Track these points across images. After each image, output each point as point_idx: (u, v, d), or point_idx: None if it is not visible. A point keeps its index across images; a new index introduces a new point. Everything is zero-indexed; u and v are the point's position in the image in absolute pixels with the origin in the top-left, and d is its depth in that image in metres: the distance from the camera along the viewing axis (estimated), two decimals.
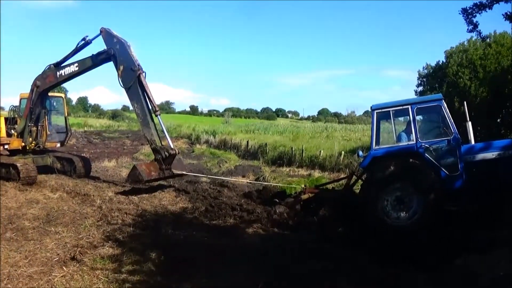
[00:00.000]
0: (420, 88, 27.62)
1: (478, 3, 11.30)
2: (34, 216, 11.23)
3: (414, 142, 11.08)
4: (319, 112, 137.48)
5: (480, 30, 12.06)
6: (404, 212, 10.84)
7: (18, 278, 7.16)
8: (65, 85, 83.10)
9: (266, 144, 31.75)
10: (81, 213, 11.79)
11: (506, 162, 10.59)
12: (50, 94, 19.34)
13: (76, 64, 16.26)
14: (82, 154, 22.86)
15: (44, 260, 8.05)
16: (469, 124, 11.32)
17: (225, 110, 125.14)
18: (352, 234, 10.67)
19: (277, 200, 13.34)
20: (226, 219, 11.76)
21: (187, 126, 56.23)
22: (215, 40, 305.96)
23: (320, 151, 26.04)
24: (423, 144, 11.01)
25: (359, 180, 12.97)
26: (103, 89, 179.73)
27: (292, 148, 28.31)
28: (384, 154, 11.33)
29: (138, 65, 14.48)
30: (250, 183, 19.48)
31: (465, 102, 12.07)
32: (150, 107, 14.69)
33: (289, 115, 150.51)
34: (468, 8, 11.49)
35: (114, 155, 28.95)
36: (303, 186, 14.64)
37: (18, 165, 15.64)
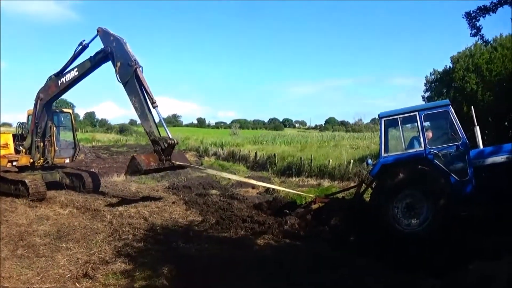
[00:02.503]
0: (428, 94, 27.53)
1: (482, 7, 11.28)
2: (45, 233, 11.24)
3: (423, 148, 11.04)
4: (326, 121, 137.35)
5: (483, 34, 12.06)
6: (415, 219, 10.78)
7: None
8: (72, 100, 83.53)
9: (274, 154, 31.71)
10: (92, 228, 11.78)
11: None
12: (58, 110, 19.43)
13: (76, 69, 16.31)
14: (91, 169, 22.82)
15: (56, 277, 8.05)
16: (477, 128, 11.29)
17: (232, 122, 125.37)
18: (365, 242, 10.57)
19: (288, 211, 13.26)
20: (237, 231, 11.68)
21: (195, 138, 56.30)
22: (221, 52, 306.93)
23: (329, 160, 25.97)
24: (431, 150, 10.97)
25: (369, 189, 12.90)
26: (110, 104, 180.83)
27: (300, 158, 28.25)
28: (393, 162, 11.29)
29: (135, 60, 14.53)
30: (260, 194, 19.40)
31: (472, 107, 12.05)
32: (148, 100, 14.71)
33: (297, 125, 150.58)
34: (472, 12, 11.49)
35: (123, 170, 28.82)
36: (312, 196, 14.54)
37: (27, 181, 15.66)
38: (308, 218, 12.62)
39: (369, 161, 13.12)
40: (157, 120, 14.83)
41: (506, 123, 21.41)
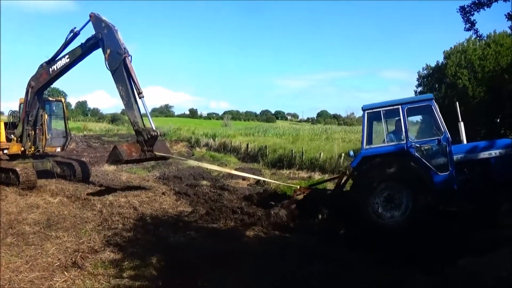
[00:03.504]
0: (420, 89, 27.62)
1: (477, 1, 11.32)
2: (35, 221, 11.25)
3: (405, 141, 11.14)
4: (319, 114, 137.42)
5: (477, 29, 12.10)
6: (396, 210, 10.90)
7: (19, 284, 7.17)
8: (64, 89, 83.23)
9: (266, 146, 31.69)
10: (82, 217, 11.81)
11: (496, 161, 10.69)
12: (50, 98, 19.37)
13: (67, 56, 16.27)
14: (82, 159, 22.80)
15: (45, 265, 8.06)
16: (461, 124, 11.52)
17: (224, 113, 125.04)
18: (353, 236, 10.63)
19: (273, 203, 13.36)
20: (227, 222, 11.71)
21: (187, 129, 56.11)
22: (214, 42, 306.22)
23: (320, 153, 25.99)
24: (413, 143, 11.08)
25: (350, 180, 12.99)
26: (103, 93, 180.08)
27: (292, 150, 28.25)
28: (374, 154, 11.39)
29: (125, 48, 14.51)
30: (250, 185, 19.44)
31: (457, 103, 12.20)
32: (135, 90, 14.67)
33: (289, 118, 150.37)
34: (466, 7, 11.52)
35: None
36: (297, 186, 14.63)
37: (18, 169, 15.65)
38: (292, 208, 12.69)
39: (351, 152, 13.28)
40: (142, 111, 14.82)
41: (497, 119, 21.54)
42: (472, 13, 11.63)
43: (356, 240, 10.20)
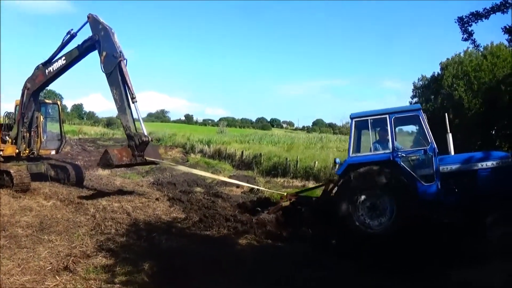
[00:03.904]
0: (415, 100, 27.71)
1: (475, 12, 11.40)
2: (28, 224, 11.23)
3: (391, 151, 11.23)
4: (314, 123, 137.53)
5: (475, 39, 12.15)
6: (383, 217, 11.01)
7: (10, 286, 7.15)
8: (60, 92, 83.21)
9: (261, 154, 31.66)
10: (75, 221, 11.79)
11: (482, 173, 10.73)
12: (46, 101, 19.38)
13: (64, 58, 16.35)
14: (76, 162, 22.76)
15: (37, 269, 8.05)
16: (450, 135, 11.56)
17: (220, 120, 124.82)
18: (344, 245, 10.64)
19: (259, 209, 13.44)
20: (220, 229, 11.68)
21: (182, 135, 55.91)
22: (211, 48, 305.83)
23: (315, 162, 25.99)
24: (399, 153, 11.17)
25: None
26: (99, 97, 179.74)
27: (286, 158, 28.25)
28: (359, 162, 11.47)
29: (120, 52, 14.57)
30: (244, 193, 19.44)
31: (445, 114, 12.25)
32: (128, 94, 14.70)
33: (284, 125, 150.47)
34: (464, 17, 11.59)
35: None
36: (284, 193, 14.69)
37: (12, 171, 15.64)
38: (278, 214, 12.79)
39: (337, 160, 13.26)
40: (135, 116, 14.89)
41: (492, 131, 21.63)
42: (470, 24, 11.69)
43: (347, 248, 10.23)
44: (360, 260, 9.22)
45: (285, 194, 14.22)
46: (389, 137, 11.34)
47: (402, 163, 11.11)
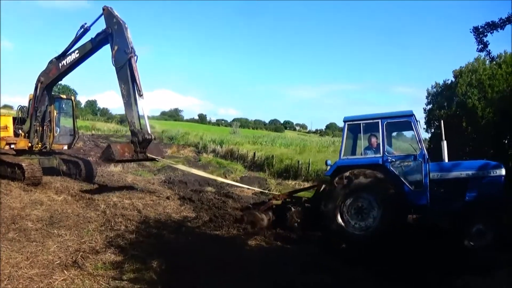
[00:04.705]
0: (429, 107, 27.52)
1: (490, 23, 11.29)
2: (38, 218, 11.24)
3: (381, 155, 11.25)
4: (327, 126, 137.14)
5: (489, 50, 12.04)
6: (368, 220, 10.99)
7: (18, 279, 7.14)
8: (75, 87, 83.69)
9: (273, 156, 31.60)
10: (85, 217, 11.79)
11: (473, 182, 10.66)
12: (61, 96, 19.46)
13: (77, 51, 16.43)
14: (89, 158, 22.78)
15: (45, 263, 8.03)
16: (444, 143, 11.43)
17: (233, 120, 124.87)
18: (355, 250, 10.57)
19: (250, 206, 13.46)
20: (230, 230, 11.67)
21: (195, 134, 56.00)
22: (226, 49, 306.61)
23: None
24: (389, 157, 11.17)
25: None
26: (113, 94, 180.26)
27: (298, 161, 28.19)
28: (349, 164, 11.51)
29: (132, 48, 14.58)
30: (255, 194, 19.39)
31: (442, 121, 12.49)
32: (136, 90, 14.72)
33: (297, 128, 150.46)
34: (479, 27, 11.49)
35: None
36: (277, 193, 14.68)
37: (24, 165, 15.67)
38: (269, 213, 12.77)
39: (329, 161, 13.20)
40: (141, 113, 14.93)
41: (505, 140, 21.38)
42: (485, 34, 11.58)
43: (356, 254, 10.16)
44: (369, 266, 9.14)
45: (278, 194, 14.21)
46: (380, 141, 11.38)
47: (391, 168, 11.14)
